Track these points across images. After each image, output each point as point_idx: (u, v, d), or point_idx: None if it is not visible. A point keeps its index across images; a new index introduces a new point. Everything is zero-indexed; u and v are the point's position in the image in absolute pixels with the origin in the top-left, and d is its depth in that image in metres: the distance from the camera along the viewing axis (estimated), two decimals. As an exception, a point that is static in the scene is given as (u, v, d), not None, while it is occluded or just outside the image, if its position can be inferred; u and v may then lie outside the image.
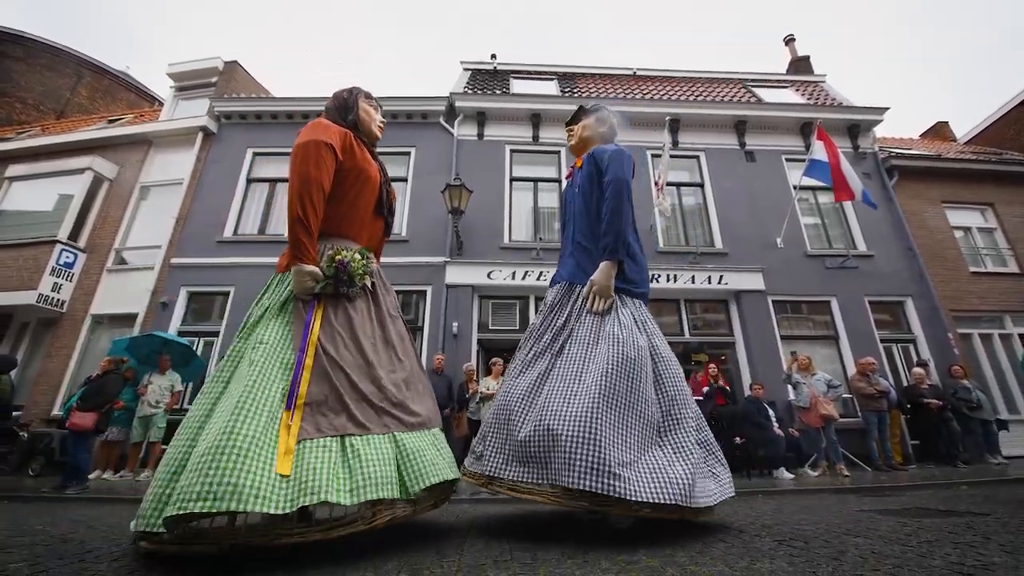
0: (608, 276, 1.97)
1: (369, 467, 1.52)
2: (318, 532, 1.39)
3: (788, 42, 12.98)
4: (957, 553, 1.46)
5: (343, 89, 2.05)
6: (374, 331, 1.86)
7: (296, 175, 1.66)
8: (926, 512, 2.50)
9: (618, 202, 1.97)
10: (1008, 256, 8.98)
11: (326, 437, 1.52)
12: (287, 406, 1.51)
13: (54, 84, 14.99)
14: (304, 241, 1.66)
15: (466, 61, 11.19)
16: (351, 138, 1.87)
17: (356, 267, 1.77)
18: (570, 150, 2.43)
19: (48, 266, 7.88)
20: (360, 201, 1.92)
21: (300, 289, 1.70)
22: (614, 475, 1.58)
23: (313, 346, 1.64)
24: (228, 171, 8.90)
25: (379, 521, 1.49)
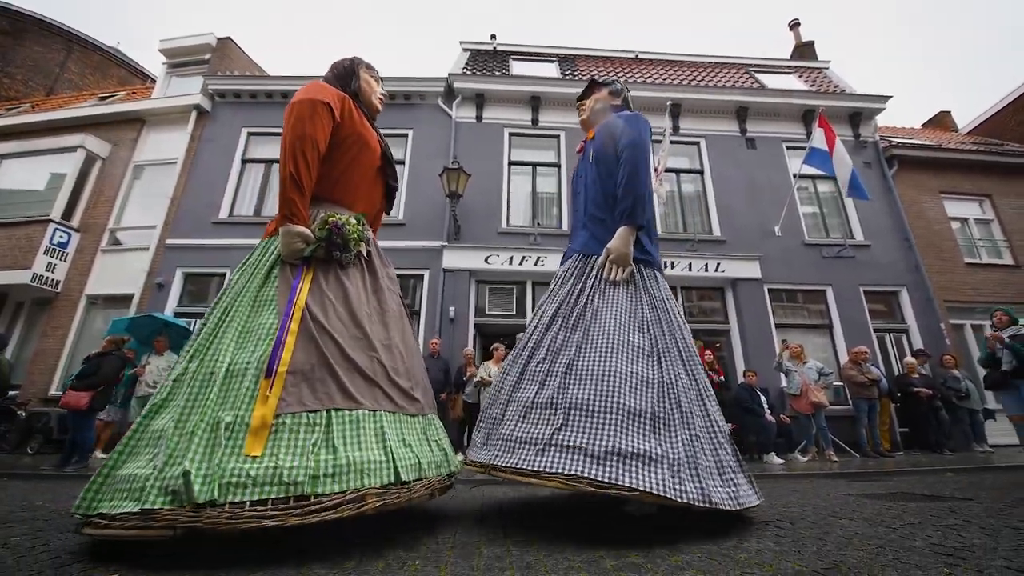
0: (626, 243, 1.82)
1: (358, 448, 1.38)
2: (296, 516, 1.19)
3: (793, 27, 12.77)
4: (938, 535, 1.50)
5: (343, 58, 1.96)
6: (369, 303, 1.72)
7: (290, 132, 1.56)
8: (911, 497, 2.56)
9: (635, 166, 1.84)
10: (1004, 248, 9.02)
11: (310, 412, 1.36)
12: (267, 374, 1.35)
13: (43, 59, 14.63)
14: (295, 199, 1.54)
15: (465, 41, 10.98)
16: (350, 103, 1.77)
17: (351, 231, 1.63)
18: (581, 124, 2.30)
19: (42, 245, 7.80)
20: (356, 167, 1.80)
21: (288, 252, 1.57)
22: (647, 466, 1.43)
23: (300, 310, 1.49)
24: (223, 151, 8.78)
25: (368, 507, 1.31)
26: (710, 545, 1.37)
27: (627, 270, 1.84)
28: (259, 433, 1.27)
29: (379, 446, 1.44)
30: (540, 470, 1.50)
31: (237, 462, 1.22)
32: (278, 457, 1.25)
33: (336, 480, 1.27)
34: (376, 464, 1.38)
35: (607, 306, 1.79)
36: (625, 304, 1.79)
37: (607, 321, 1.75)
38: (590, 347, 1.70)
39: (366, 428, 1.44)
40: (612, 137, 1.98)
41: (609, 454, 1.45)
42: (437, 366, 6.06)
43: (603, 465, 1.44)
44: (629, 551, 1.30)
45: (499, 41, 11.15)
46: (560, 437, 1.54)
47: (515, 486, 3.34)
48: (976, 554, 1.26)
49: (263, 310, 1.52)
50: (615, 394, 1.56)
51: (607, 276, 1.85)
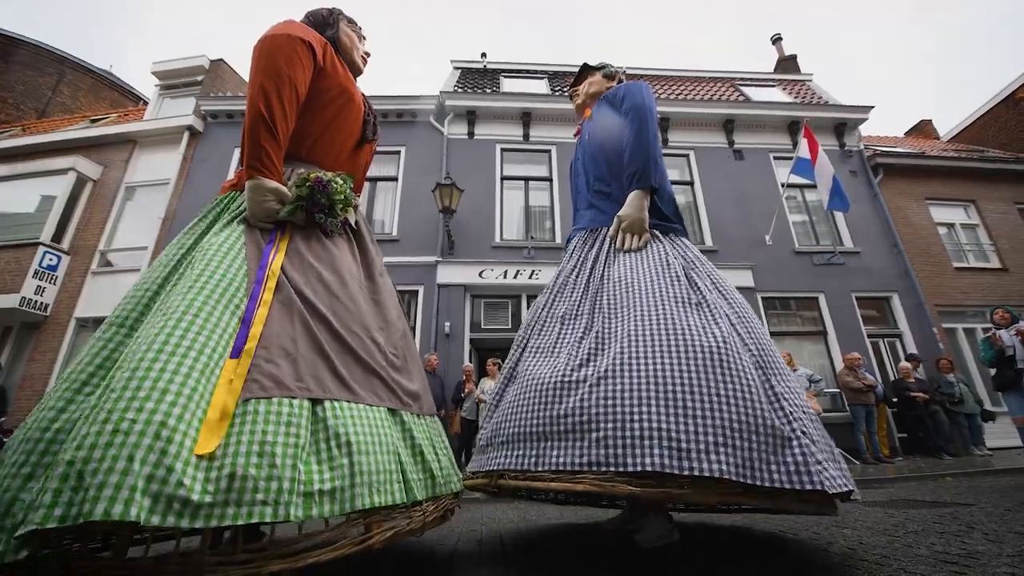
0: (640, 207, 1.57)
1: (358, 451, 0.99)
2: (278, 560, 0.84)
3: (775, 41, 13.11)
4: (942, 542, 1.49)
5: (321, 7, 1.63)
6: (361, 278, 1.40)
7: (261, 71, 1.21)
8: (912, 503, 2.54)
9: (642, 125, 1.64)
10: (990, 252, 9.17)
11: (292, 398, 0.97)
12: (233, 352, 0.97)
13: (35, 83, 14.67)
14: (267, 147, 1.18)
15: (456, 60, 11.16)
16: (332, 51, 1.46)
17: (338, 189, 1.31)
18: (576, 111, 2.15)
19: (31, 269, 7.71)
20: (339, 124, 1.48)
21: (257, 211, 1.20)
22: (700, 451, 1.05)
23: (274, 277, 1.13)
24: (215, 171, 8.79)
25: (375, 539, 0.98)
26: (713, 560, 1.35)
27: (643, 237, 1.57)
28: (217, 425, 0.86)
29: (387, 452, 1.09)
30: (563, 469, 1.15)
31: (186, 466, 0.78)
32: (243, 461, 0.83)
33: (333, 498, 0.91)
34: (383, 476, 1.03)
35: (630, 269, 1.48)
36: (651, 260, 1.49)
37: (634, 281, 1.42)
38: (617, 311, 1.38)
39: (368, 427, 1.07)
40: (612, 104, 1.82)
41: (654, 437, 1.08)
42: (434, 383, 6.01)
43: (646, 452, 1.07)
44: (629, 569, 1.27)
45: (489, 59, 11.34)
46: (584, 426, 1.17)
47: (516, 510, 3.27)
48: (981, 561, 1.25)
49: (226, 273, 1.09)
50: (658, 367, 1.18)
51: (620, 246, 1.58)
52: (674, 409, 1.11)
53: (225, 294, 1.03)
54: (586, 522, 2.18)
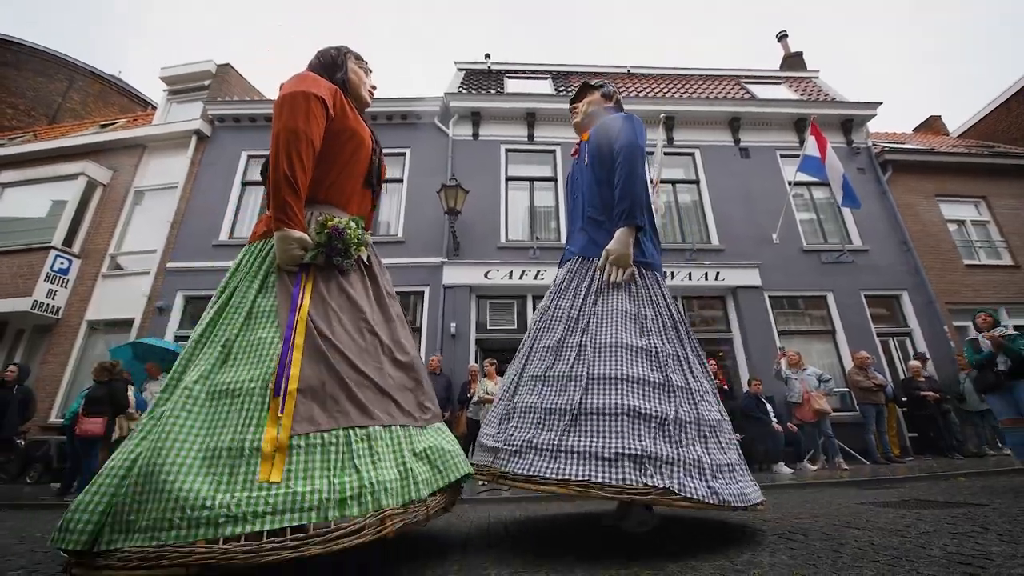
0: (626, 244, 1.80)
1: (378, 467, 1.30)
2: (319, 545, 1.11)
3: (781, 38, 13.02)
4: (955, 543, 1.47)
5: (330, 47, 1.80)
6: (372, 310, 1.62)
7: (282, 128, 1.41)
8: (924, 503, 2.51)
9: (631, 166, 1.83)
10: (1002, 248, 9.04)
11: (324, 431, 1.26)
12: (275, 392, 1.24)
13: (45, 89, 14.88)
14: (291, 202, 1.40)
15: (460, 61, 11.18)
16: (341, 96, 1.64)
17: (352, 235, 1.53)
18: (575, 128, 2.29)
19: (43, 272, 7.82)
20: (352, 167, 1.67)
21: (285, 258, 1.44)
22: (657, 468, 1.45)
23: (303, 322, 1.38)
24: (223, 174, 8.87)
25: (389, 529, 1.24)
26: (723, 560, 1.34)
27: (627, 271, 1.82)
28: (273, 458, 1.17)
29: (396, 463, 1.36)
30: (551, 477, 1.49)
31: (253, 490, 1.12)
32: (295, 482, 1.16)
33: (359, 502, 1.20)
34: (394, 482, 1.31)
35: (609, 310, 1.78)
36: (627, 307, 1.79)
37: (610, 325, 1.74)
38: (595, 352, 1.69)
39: (383, 445, 1.36)
40: (607, 139, 1.97)
41: (619, 456, 1.46)
42: (439, 383, 6.02)
43: (613, 468, 1.44)
44: (641, 570, 1.27)
45: (493, 60, 11.35)
46: (569, 442, 1.53)
47: (520, 503, 3.29)
48: (996, 562, 1.23)
49: (265, 323, 1.39)
50: (621, 397, 1.56)
51: (607, 278, 1.82)
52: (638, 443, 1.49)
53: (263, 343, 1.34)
54: (582, 512, 2.18)
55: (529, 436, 1.64)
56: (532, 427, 1.66)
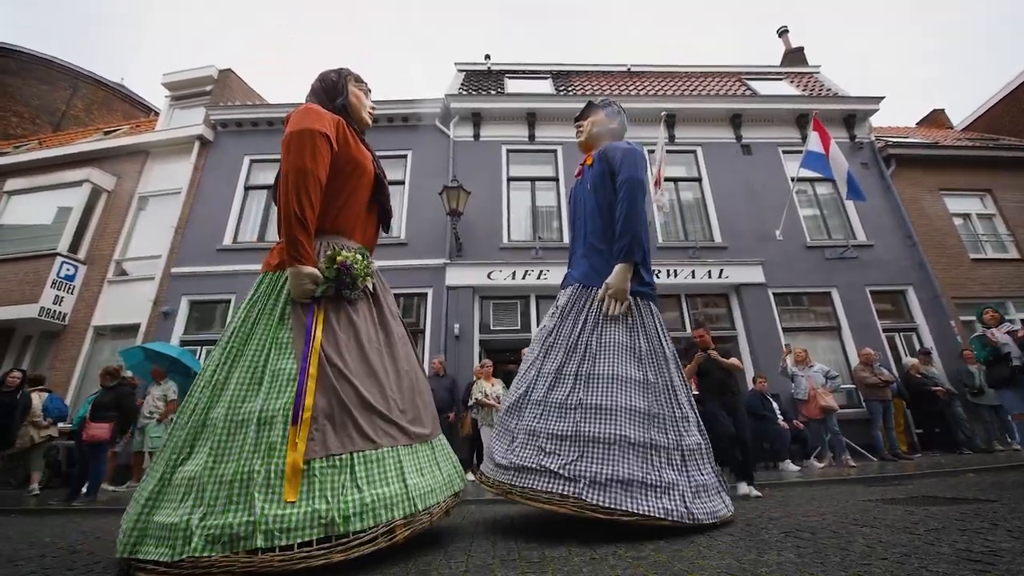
0: (624, 279, 1.95)
1: (380, 485, 1.45)
2: (340, 552, 1.31)
3: (781, 34, 12.96)
4: (964, 540, 1.46)
5: (330, 70, 1.88)
6: (377, 335, 1.77)
7: (291, 168, 1.53)
8: (933, 500, 2.49)
9: (632, 203, 1.96)
10: (1008, 242, 8.96)
11: (335, 456, 1.43)
12: (293, 421, 1.41)
13: (49, 97, 15.00)
14: (302, 240, 1.53)
15: (460, 62, 11.19)
16: (344, 126, 1.74)
17: (359, 269, 1.66)
18: (579, 146, 2.35)
19: (49, 279, 7.88)
20: (356, 195, 1.79)
21: (299, 293, 1.58)
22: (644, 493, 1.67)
23: (316, 354, 1.52)
24: (226, 179, 8.91)
25: (399, 538, 1.43)
26: (730, 559, 1.34)
27: (624, 305, 1.97)
28: (293, 479, 1.34)
29: (399, 480, 1.52)
30: (553, 495, 1.70)
31: (279, 508, 1.29)
32: (313, 500, 1.33)
33: (365, 517, 1.37)
34: (399, 497, 1.47)
35: (607, 342, 1.95)
36: (623, 339, 1.96)
37: (609, 358, 1.91)
38: (595, 383, 1.86)
39: (386, 465, 1.51)
40: (611, 168, 2.08)
41: (612, 482, 1.66)
42: (442, 385, 6.03)
43: (607, 492, 1.64)
44: (648, 570, 1.27)
45: (493, 61, 11.36)
46: (570, 467, 1.72)
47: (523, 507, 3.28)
48: (1005, 559, 1.22)
49: (283, 354, 1.53)
50: (615, 427, 1.76)
51: (606, 311, 1.98)
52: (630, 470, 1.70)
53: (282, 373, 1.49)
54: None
55: (533, 458, 1.81)
56: (536, 449, 1.83)
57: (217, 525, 1.25)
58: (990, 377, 4.02)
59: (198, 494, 1.32)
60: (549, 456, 1.78)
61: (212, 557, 1.21)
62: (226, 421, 1.42)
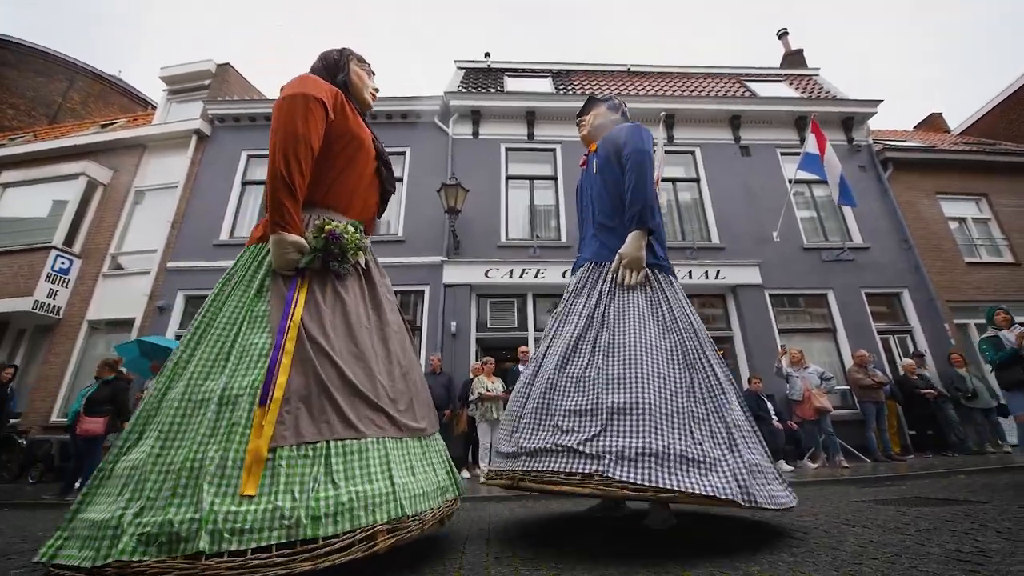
0: (638, 247, 1.83)
1: (362, 481, 1.24)
2: (306, 561, 1.07)
3: (781, 36, 12.99)
4: (955, 541, 1.47)
5: (332, 49, 1.80)
6: (368, 317, 1.58)
7: (280, 131, 1.39)
8: (924, 501, 2.51)
9: (640, 172, 1.88)
10: (1003, 246, 9.02)
11: (308, 444, 1.22)
12: (261, 402, 1.20)
13: (46, 89, 14.89)
14: (288, 205, 1.38)
15: (460, 60, 11.16)
16: (342, 98, 1.62)
17: (349, 240, 1.50)
18: (582, 140, 2.34)
19: (43, 272, 7.84)
20: (351, 169, 1.64)
21: (281, 263, 1.42)
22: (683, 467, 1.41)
23: (295, 327, 1.33)
24: (223, 173, 8.87)
25: (380, 546, 1.19)
26: (722, 558, 1.35)
27: (641, 273, 1.84)
28: (254, 469, 1.13)
29: (385, 477, 1.30)
30: (573, 476, 1.47)
31: (232, 504, 1.07)
32: (276, 496, 1.11)
33: (340, 519, 1.14)
34: (383, 497, 1.25)
35: (627, 310, 1.77)
36: (644, 307, 1.78)
37: (629, 324, 1.72)
38: (616, 352, 1.67)
39: (370, 459, 1.30)
40: (616, 147, 2.02)
41: (642, 455, 1.42)
42: (439, 382, 6.02)
43: (637, 467, 1.41)
44: (639, 569, 1.27)
45: (493, 59, 11.34)
46: (590, 442, 1.50)
47: (520, 501, 3.29)
48: (995, 560, 1.23)
49: (256, 328, 1.35)
50: (646, 397, 1.53)
51: (621, 281, 1.84)
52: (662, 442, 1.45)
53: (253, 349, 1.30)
54: (572, 512, 2.18)
55: (548, 437, 1.60)
56: (550, 428, 1.63)
57: (154, 523, 1.03)
58: (1002, 379, 3.93)
59: (137, 486, 1.11)
60: (566, 434, 1.56)
61: (144, 562, 1.00)
62: (182, 401, 1.23)
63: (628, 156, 1.93)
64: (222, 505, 1.06)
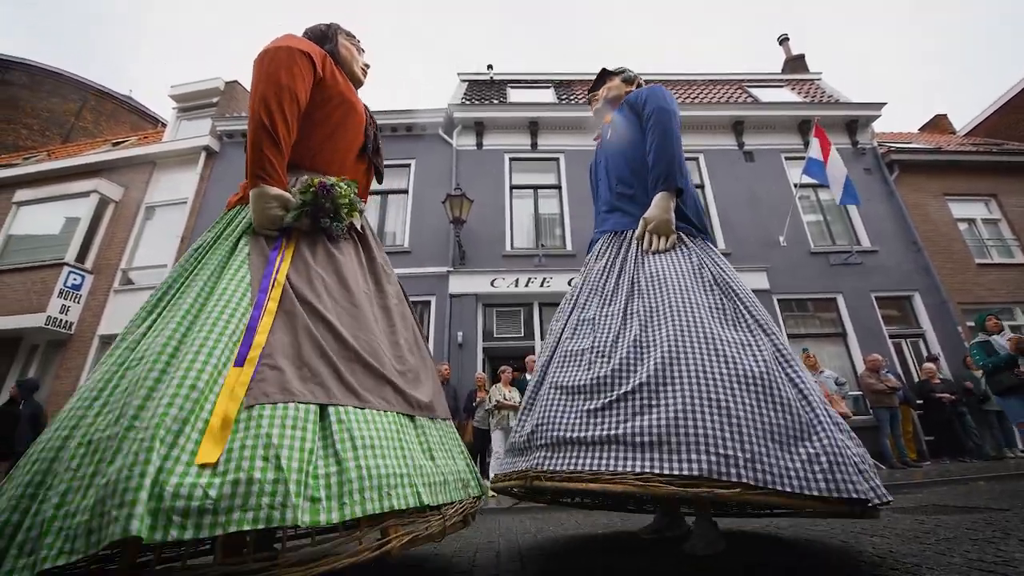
0: (666, 208, 1.56)
1: (369, 455, 0.95)
2: (293, 567, 0.79)
3: (782, 41, 13.04)
4: (976, 550, 1.44)
5: (320, 23, 1.66)
6: (367, 283, 1.39)
7: (263, 80, 1.22)
8: (943, 509, 2.46)
9: (664, 127, 1.63)
10: (1014, 247, 8.92)
11: (299, 403, 0.94)
12: (237, 361, 0.95)
13: (59, 109, 15.25)
14: (270, 156, 1.18)
15: (463, 72, 11.31)
16: (332, 63, 1.47)
17: (343, 194, 1.29)
18: (595, 115, 2.14)
19: (56, 288, 7.96)
20: (342, 133, 1.48)
21: (262, 219, 1.20)
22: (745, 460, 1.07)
23: (280, 286, 1.11)
24: (232, 189, 8.75)
25: (393, 544, 0.92)
26: (739, 568, 1.32)
27: (671, 238, 1.56)
28: (219, 435, 0.83)
29: (399, 456, 1.04)
30: (602, 471, 1.15)
31: (185, 476, 0.76)
32: (248, 465, 0.80)
33: (345, 503, 0.86)
34: (396, 479, 0.98)
35: (662, 272, 1.47)
36: (684, 265, 1.49)
37: (667, 286, 1.42)
38: (654, 318, 1.36)
39: (377, 430, 1.04)
40: (634, 108, 1.80)
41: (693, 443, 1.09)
42: (447, 393, 6.01)
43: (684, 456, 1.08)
44: None
45: (496, 71, 11.47)
46: (622, 429, 1.18)
47: (531, 513, 3.25)
48: (1019, 568, 1.20)
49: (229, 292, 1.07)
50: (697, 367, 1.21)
51: (648, 247, 1.56)
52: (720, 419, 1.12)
53: (228, 305, 1.03)
54: (606, 532, 2.15)
55: (569, 424, 1.28)
56: (571, 414, 1.31)
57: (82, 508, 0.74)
58: (993, 384, 3.97)
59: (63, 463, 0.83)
60: (592, 418, 1.25)
61: None
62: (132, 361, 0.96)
63: (649, 114, 1.69)
64: (171, 476, 0.74)
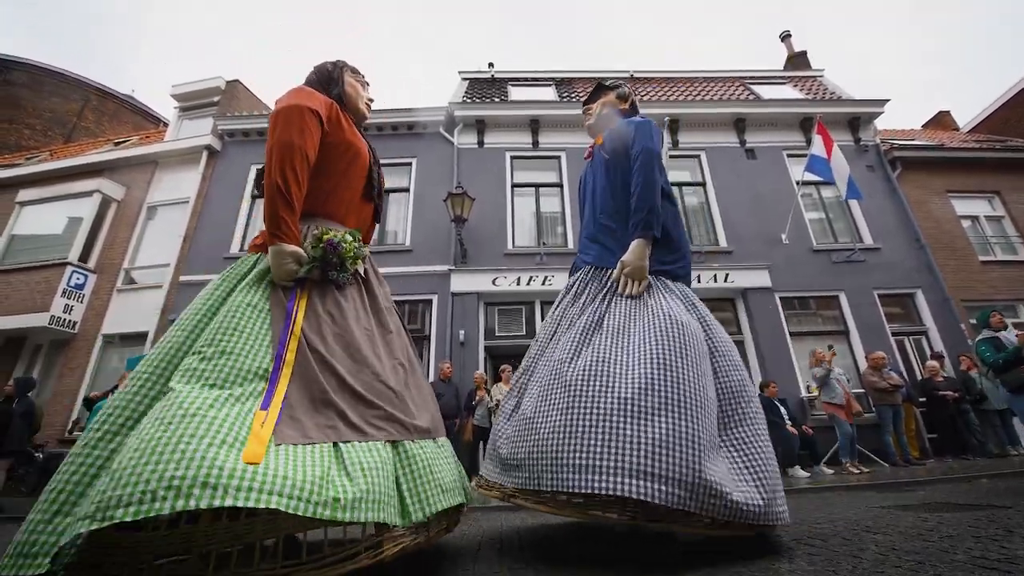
0: (641, 256, 1.71)
1: (370, 477, 1.19)
2: (313, 568, 1.04)
3: (784, 38, 12.99)
4: (979, 547, 1.44)
5: (326, 62, 1.82)
6: (369, 323, 1.59)
7: (276, 142, 1.40)
8: (946, 506, 2.45)
9: (648, 174, 1.77)
10: (1018, 244, 8.87)
11: (313, 444, 1.19)
12: (263, 406, 1.18)
13: (61, 109, 15.28)
14: (285, 217, 1.38)
15: (464, 70, 11.29)
16: (337, 110, 1.64)
17: (348, 249, 1.51)
18: (588, 129, 2.22)
19: (59, 288, 7.99)
20: (348, 179, 1.67)
21: (280, 273, 1.41)
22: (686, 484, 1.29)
23: (296, 339, 1.34)
24: (233, 188, 9.02)
25: (387, 552, 1.16)
26: (740, 567, 1.32)
27: (643, 283, 1.73)
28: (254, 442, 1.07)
29: (388, 478, 1.26)
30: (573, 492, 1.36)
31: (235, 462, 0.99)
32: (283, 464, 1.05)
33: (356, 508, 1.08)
34: (387, 499, 1.21)
35: (637, 310, 1.67)
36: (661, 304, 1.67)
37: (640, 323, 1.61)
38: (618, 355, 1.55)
39: (375, 455, 1.26)
40: (622, 143, 1.91)
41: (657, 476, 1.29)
42: (449, 391, 6.02)
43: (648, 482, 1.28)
44: (656, 576, 1.26)
45: (496, 68, 11.45)
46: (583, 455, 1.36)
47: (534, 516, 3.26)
48: (1022, 566, 1.20)
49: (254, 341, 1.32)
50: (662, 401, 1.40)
51: (622, 291, 1.73)
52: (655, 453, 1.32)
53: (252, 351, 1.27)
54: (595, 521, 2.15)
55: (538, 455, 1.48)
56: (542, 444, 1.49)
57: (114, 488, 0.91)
58: (1007, 382, 3.89)
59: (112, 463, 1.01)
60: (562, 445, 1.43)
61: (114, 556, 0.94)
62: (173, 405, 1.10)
63: (636, 156, 1.82)
64: (225, 461, 0.97)
